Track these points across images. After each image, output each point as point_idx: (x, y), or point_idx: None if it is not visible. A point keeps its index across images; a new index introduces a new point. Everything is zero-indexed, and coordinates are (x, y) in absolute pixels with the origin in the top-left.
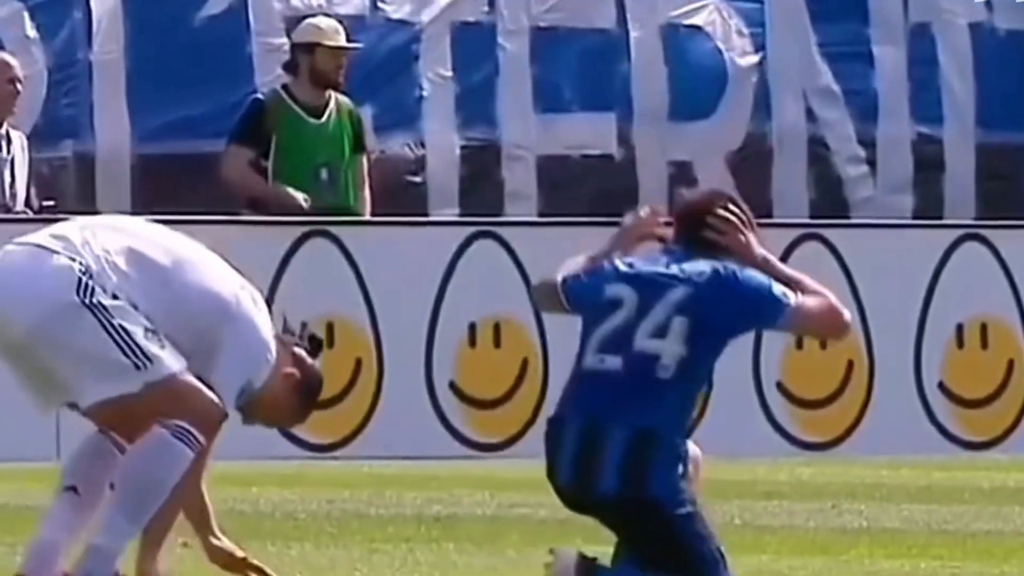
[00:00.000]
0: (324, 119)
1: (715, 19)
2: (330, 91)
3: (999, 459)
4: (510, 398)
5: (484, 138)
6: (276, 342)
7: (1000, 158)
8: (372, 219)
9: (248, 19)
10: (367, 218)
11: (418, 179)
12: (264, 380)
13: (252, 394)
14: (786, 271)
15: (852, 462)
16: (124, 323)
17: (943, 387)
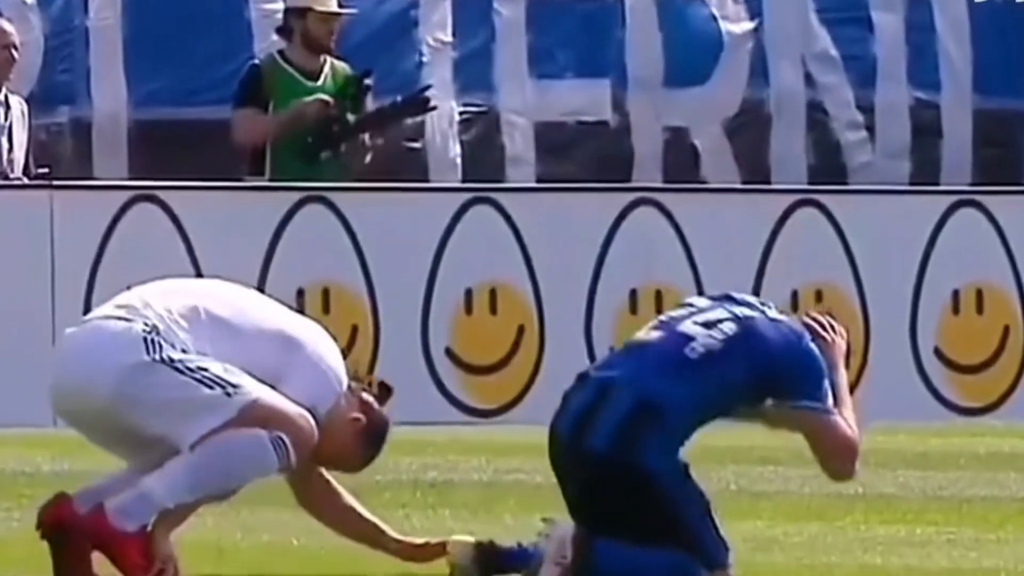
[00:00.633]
0: (320, 82)
1: None
2: (324, 55)
3: (995, 425)
4: (506, 364)
5: (482, 104)
6: (346, 391)
7: (997, 124)
8: (368, 185)
9: None
10: (363, 184)
11: (417, 145)
12: (329, 410)
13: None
14: (844, 390)
15: None
16: (200, 364)
17: (939, 353)
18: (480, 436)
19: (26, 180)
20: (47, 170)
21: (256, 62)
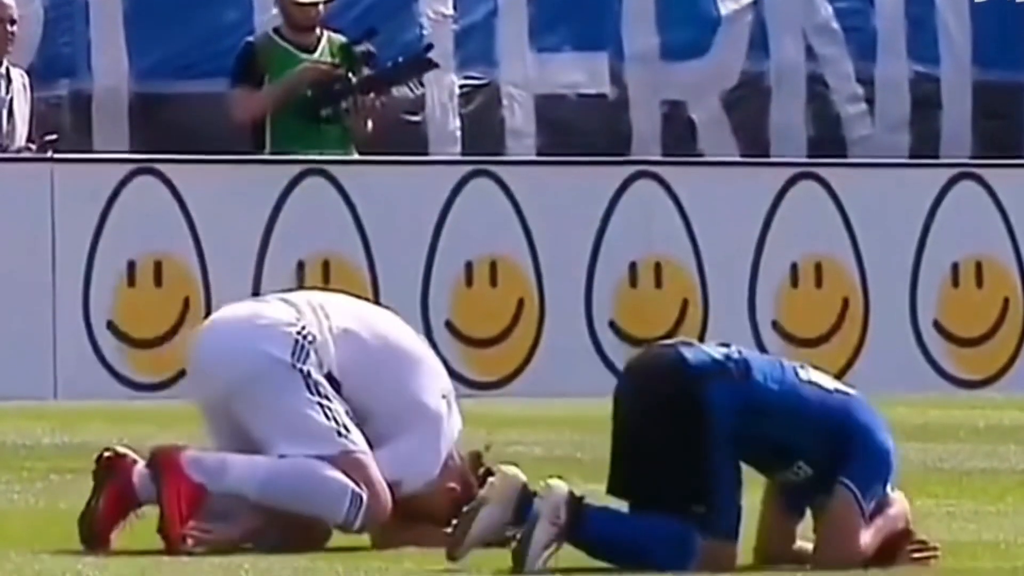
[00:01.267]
0: (316, 55)
1: None
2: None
3: (994, 397)
4: (506, 337)
5: (483, 77)
6: (451, 458)
7: (996, 97)
8: (368, 158)
9: None
10: (364, 157)
11: (417, 118)
12: (411, 488)
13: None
14: (888, 521)
15: None
16: (329, 395)
17: (938, 326)
18: (480, 409)
19: (28, 153)
20: (55, 137)
21: (251, 39)
